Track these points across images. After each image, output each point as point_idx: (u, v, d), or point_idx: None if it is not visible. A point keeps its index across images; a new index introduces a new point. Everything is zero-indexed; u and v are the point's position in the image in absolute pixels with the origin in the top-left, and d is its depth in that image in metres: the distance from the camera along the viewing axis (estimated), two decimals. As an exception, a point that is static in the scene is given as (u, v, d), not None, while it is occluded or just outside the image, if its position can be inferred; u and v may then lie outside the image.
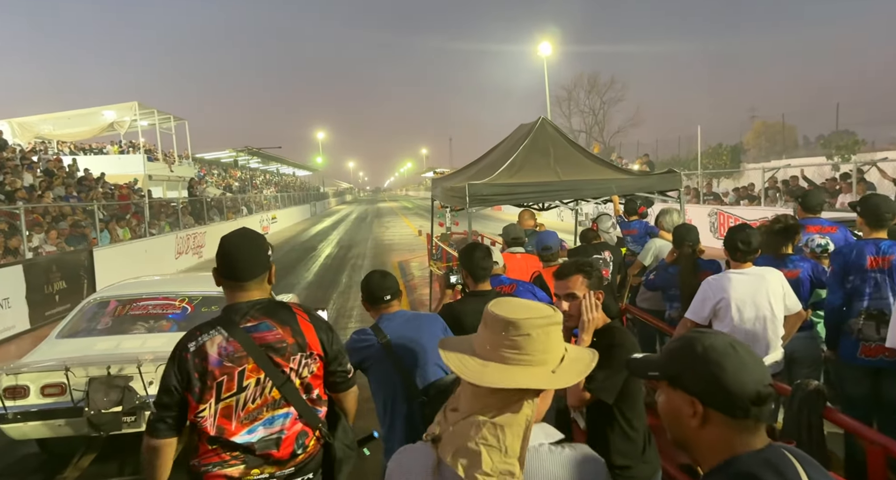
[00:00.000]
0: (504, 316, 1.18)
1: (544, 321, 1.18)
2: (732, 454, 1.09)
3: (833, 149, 16.96)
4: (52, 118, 23.22)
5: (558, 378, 1.18)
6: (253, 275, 2.00)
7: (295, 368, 1.96)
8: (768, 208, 13.16)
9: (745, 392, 1.07)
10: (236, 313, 1.96)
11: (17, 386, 3.75)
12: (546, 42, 26.80)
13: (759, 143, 25.68)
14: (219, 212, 22.10)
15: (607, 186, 5.75)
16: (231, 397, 1.91)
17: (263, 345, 1.93)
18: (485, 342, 1.20)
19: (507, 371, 1.15)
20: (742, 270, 3.18)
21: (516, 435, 1.11)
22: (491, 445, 1.10)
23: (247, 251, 2.00)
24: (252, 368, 1.92)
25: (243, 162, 40.78)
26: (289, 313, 2.02)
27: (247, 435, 1.92)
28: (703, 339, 1.14)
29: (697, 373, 1.10)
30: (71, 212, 12.75)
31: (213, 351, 1.91)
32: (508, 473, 1.09)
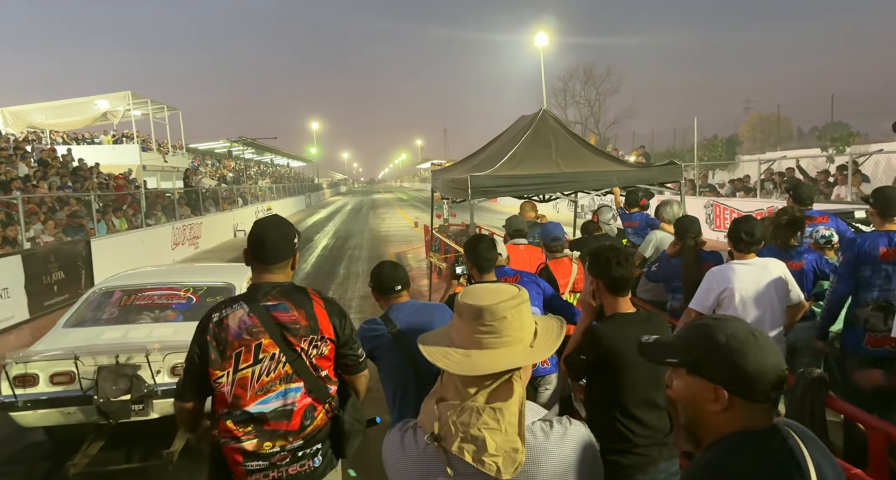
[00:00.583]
0: (477, 304, 1.23)
1: (515, 302, 1.24)
2: (738, 428, 1.13)
3: (828, 141, 17.05)
4: (45, 107, 22.96)
5: (537, 351, 1.26)
6: (278, 259, 2.15)
7: (305, 348, 2.11)
8: (764, 200, 13.27)
9: (767, 378, 1.11)
10: (259, 292, 2.12)
11: (27, 375, 3.79)
12: (542, 33, 26.69)
13: (755, 135, 25.77)
14: (214, 203, 22.02)
15: (608, 178, 5.78)
16: (248, 368, 2.06)
17: (279, 324, 2.08)
18: (462, 332, 1.25)
19: (490, 355, 1.22)
20: (746, 261, 3.24)
21: (513, 414, 1.18)
22: (492, 428, 1.16)
23: (275, 237, 2.15)
24: (268, 343, 2.07)
25: (237, 152, 40.56)
26: (305, 297, 2.16)
27: (261, 405, 2.06)
28: (725, 327, 1.16)
29: (722, 362, 1.12)
30: (67, 202, 12.68)
31: (234, 324, 2.07)
32: (513, 450, 1.16)
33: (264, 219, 2.24)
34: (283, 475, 2.08)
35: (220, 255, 16.95)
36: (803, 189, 4.62)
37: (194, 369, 2.11)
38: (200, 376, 2.09)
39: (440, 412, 1.21)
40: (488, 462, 1.14)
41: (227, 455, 2.08)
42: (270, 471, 2.06)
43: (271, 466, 2.07)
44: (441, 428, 1.19)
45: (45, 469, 4.20)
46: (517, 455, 1.15)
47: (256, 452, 2.05)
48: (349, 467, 2.49)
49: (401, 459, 1.27)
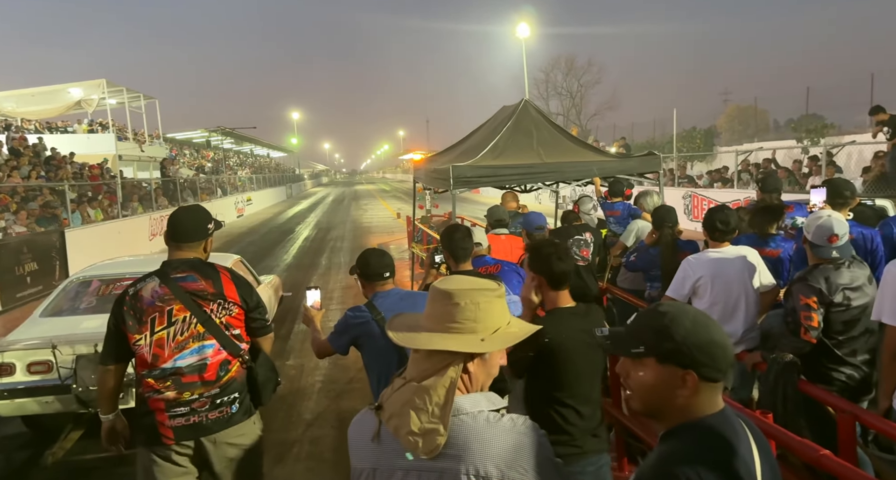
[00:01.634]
0: (440, 288, 1.28)
1: (477, 293, 1.26)
2: (701, 414, 1.17)
3: (803, 133, 17.39)
4: (15, 95, 22.36)
5: (484, 344, 1.25)
6: (188, 240, 2.48)
7: (215, 310, 2.44)
8: (741, 191, 13.50)
9: (728, 357, 1.17)
10: (169, 266, 2.46)
11: (3, 364, 3.74)
12: (524, 23, 26.69)
13: (733, 127, 26.13)
14: (192, 194, 21.71)
15: (589, 168, 5.85)
16: (162, 330, 2.38)
17: (189, 291, 2.41)
18: (427, 314, 1.30)
19: (435, 336, 1.25)
20: (720, 250, 3.31)
21: (440, 397, 1.20)
22: (418, 407, 1.19)
23: (187, 221, 2.50)
24: (179, 308, 2.39)
25: (216, 142, 39.96)
26: (213, 271, 2.50)
27: (178, 361, 2.37)
28: (685, 313, 1.19)
29: (692, 347, 1.14)
30: (40, 192, 12.41)
31: (147, 294, 2.40)
32: (434, 432, 1.18)
33: (185, 206, 2.64)
34: (203, 419, 2.37)
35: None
36: (770, 179, 4.70)
37: (111, 336, 2.43)
38: (118, 342, 2.41)
39: (392, 385, 1.28)
40: (410, 440, 1.19)
41: (151, 405, 2.37)
42: (191, 416, 2.36)
43: (192, 411, 2.36)
44: (384, 399, 1.26)
45: (23, 458, 4.15)
46: (438, 437, 1.18)
47: (177, 400, 2.35)
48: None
49: (356, 434, 1.33)
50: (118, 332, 2.39)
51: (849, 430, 2.40)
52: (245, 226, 22.53)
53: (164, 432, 2.34)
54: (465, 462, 1.17)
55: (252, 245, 16.51)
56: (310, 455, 4.15)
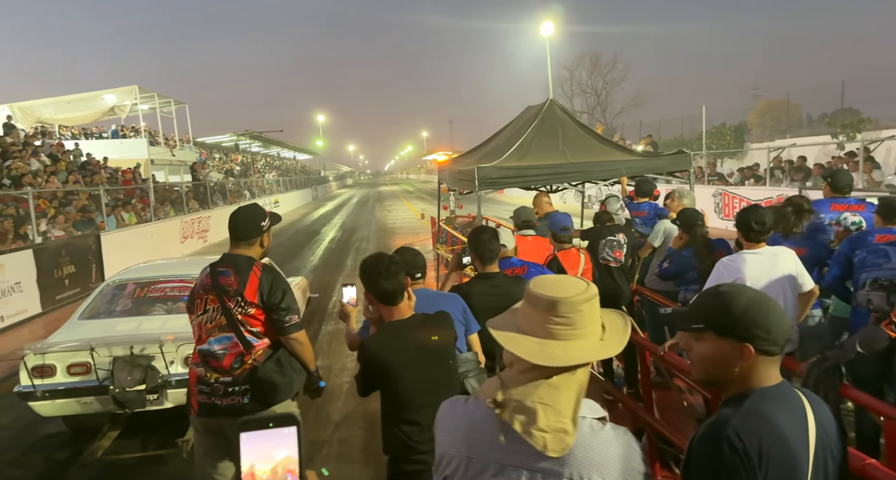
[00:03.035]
0: (554, 296, 1.22)
1: (587, 295, 1.24)
2: (752, 386, 1.32)
3: (838, 128, 16.87)
4: (53, 102, 23.09)
5: (607, 345, 1.25)
6: (242, 237, 2.76)
7: (233, 307, 2.65)
8: (773, 188, 13.18)
9: (783, 333, 1.31)
10: (221, 259, 2.76)
11: (45, 365, 3.85)
12: (548, 21, 26.48)
13: (763, 123, 25.52)
14: (222, 197, 22.12)
15: (616, 168, 5.78)
16: (202, 315, 2.71)
17: (219, 285, 2.67)
18: (534, 321, 1.24)
19: (563, 347, 1.21)
20: (756, 250, 3.23)
21: (570, 397, 1.18)
22: (546, 403, 1.16)
23: (243, 220, 2.77)
24: (212, 299, 2.68)
25: (244, 146, 40.63)
26: (247, 268, 2.70)
27: (208, 345, 2.68)
28: (744, 292, 1.34)
29: (749, 322, 1.30)
30: (77, 196, 12.78)
31: (199, 281, 2.76)
32: (562, 430, 1.15)
33: (242, 206, 2.88)
34: (218, 403, 2.64)
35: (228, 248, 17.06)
36: (841, 176, 4.40)
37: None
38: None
39: (504, 381, 1.22)
40: (537, 435, 1.14)
41: (190, 375, 2.76)
42: (211, 396, 2.65)
43: (212, 392, 2.65)
44: (503, 395, 1.20)
45: (63, 457, 4.28)
46: (566, 436, 1.15)
47: (204, 378, 2.67)
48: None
49: (449, 421, 1.29)
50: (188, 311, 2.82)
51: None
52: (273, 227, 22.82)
53: (192, 403, 2.69)
54: (568, 467, 1.16)
55: (279, 246, 16.74)
56: (339, 455, 4.18)
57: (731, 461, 1.21)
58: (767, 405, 1.28)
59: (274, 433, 0.85)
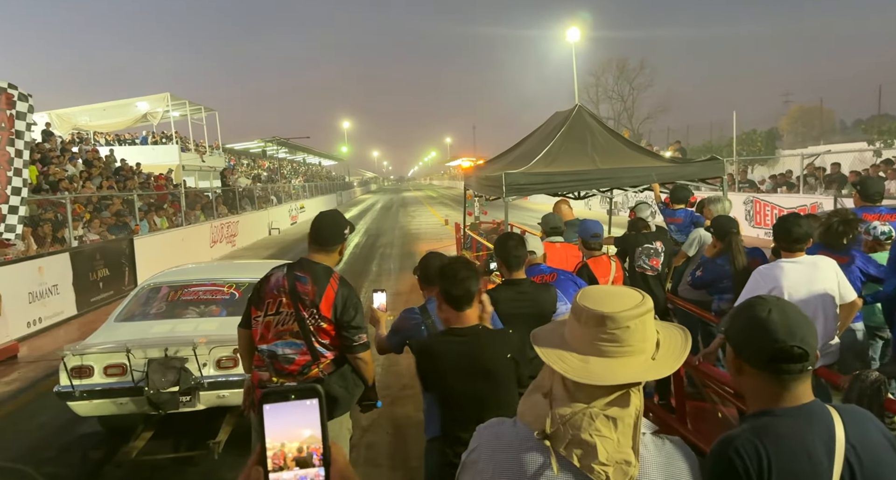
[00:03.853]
0: (599, 311, 1.16)
1: (640, 310, 1.17)
2: (768, 406, 1.32)
3: (875, 134, 16.41)
4: (89, 109, 23.81)
5: (659, 365, 1.18)
6: (324, 244, 2.74)
7: (307, 316, 2.63)
8: (807, 196, 12.87)
9: (766, 348, 1.30)
10: (299, 264, 2.73)
11: (83, 366, 3.95)
12: (574, 27, 26.36)
13: (795, 129, 24.99)
14: (250, 202, 22.48)
15: (647, 174, 5.71)
16: (272, 316, 2.68)
17: (296, 291, 2.63)
18: (580, 336, 1.18)
19: (608, 365, 1.15)
20: (794, 259, 3.15)
21: (628, 426, 1.12)
22: (605, 436, 1.10)
23: (328, 226, 2.75)
24: (287, 302, 2.65)
25: (272, 152, 41.27)
26: (326, 280, 2.67)
27: (274, 347, 2.67)
28: (753, 303, 1.37)
29: (736, 331, 1.37)
30: (111, 201, 13.12)
31: (273, 281, 2.71)
32: (625, 462, 1.10)
33: (324, 211, 2.85)
34: None
35: (256, 253, 17.30)
36: (871, 184, 4.31)
37: (247, 305, 2.80)
38: (248, 311, 2.77)
39: (553, 411, 1.15)
40: (598, 470, 1.09)
41: (253, 378, 2.74)
42: None
43: None
44: (552, 426, 1.13)
45: (99, 457, 4.37)
46: (629, 468, 1.10)
47: (269, 381, 2.66)
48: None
49: (496, 449, 1.21)
50: (249, 304, 2.77)
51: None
52: (299, 232, 23.12)
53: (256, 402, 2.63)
54: None
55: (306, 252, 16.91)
56: (367, 460, 4.19)
57: (727, 469, 1.26)
58: (779, 425, 1.28)
59: (296, 405, 0.84)
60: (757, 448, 1.24)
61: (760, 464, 1.23)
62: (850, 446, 1.26)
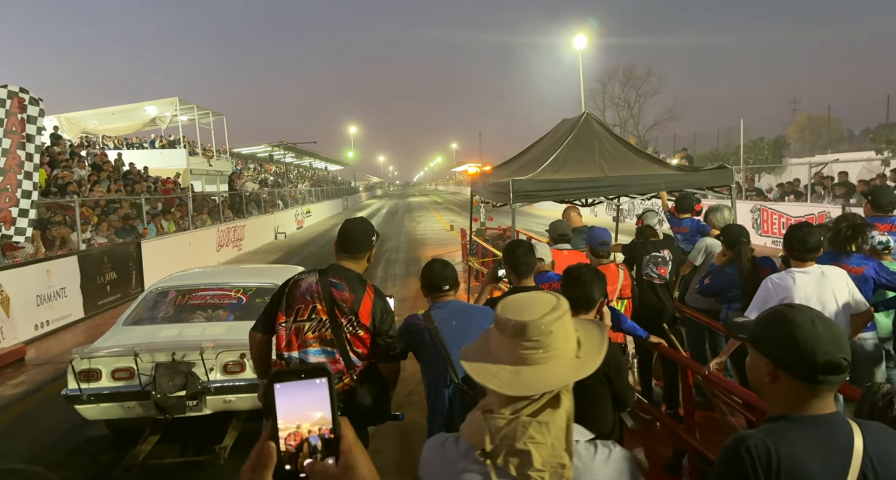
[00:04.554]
0: (520, 320, 1.18)
1: (557, 313, 1.19)
2: (790, 412, 1.33)
3: (883, 143, 16.34)
4: (98, 113, 23.97)
5: (584, 363, 1.21)
6: (353, 251, 2.72)
7: (344, 323, 2.59)
8: (815, 205, 12.81)
9: (813, 359, 1.28)
10: (332, 270, 2.69)
11: (91, 370, 3.96)
12: (581, 34, 26.44)
13: (803, 137, 24.89)
14: (257, 206, 22.56)
15: (655, 182, 5.70)
16: (302, 322, 2.62)
17: (332, 298, 2.59)
18: (505, 347, 1.20)
19: (538, 372, 1.17)
20: (805, 269, 3.14)
21: (560, 429, 1.15)
22: (539, 442, 1.13)
23: (356, 233, 2.73)
24: (321, 309, 2.60)
25: (278, 156, 41.44)
26: (362, 287, 2.65)
27: (302, 354, 2.61)
28: (789, 312, 1.35)
29: (774, 339, 1.34)
30: (120, 205, 13.19)
31: (304, 285, 2.66)
32: (560, 465, 1.13)
33: (352, 219, 2.84)
34: None
35: (263, 257, 17.35)
36: (882, 194, 4.29)
37: (267, 310, 2.73)
38: (270, 316, 2.69)
39: (489, 425, 1.18)
40: (535, 477, 1.13)
41: None
42: None
43: None
44: (491, 442, 1.17)
45: (106, 460, 4.37)
46: (564, 470, 1.13)
47: None
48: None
49: (440, 463, 1.26)
50: (273, 308, 2.69)
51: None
52: (305, 237, 23.19)
53: None
54: None
55: (311, 256, 16.96)
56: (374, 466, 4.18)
57: (740, 470, 1.27)
58: (796, 430, 1.29)
59: (306, 384, 0.86)
60: (769, 448, 1.25)
61: (769, 464, 1.24)
62: (867, 458, 1.26)
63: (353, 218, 2.88)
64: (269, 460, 0.83)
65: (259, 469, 0.84)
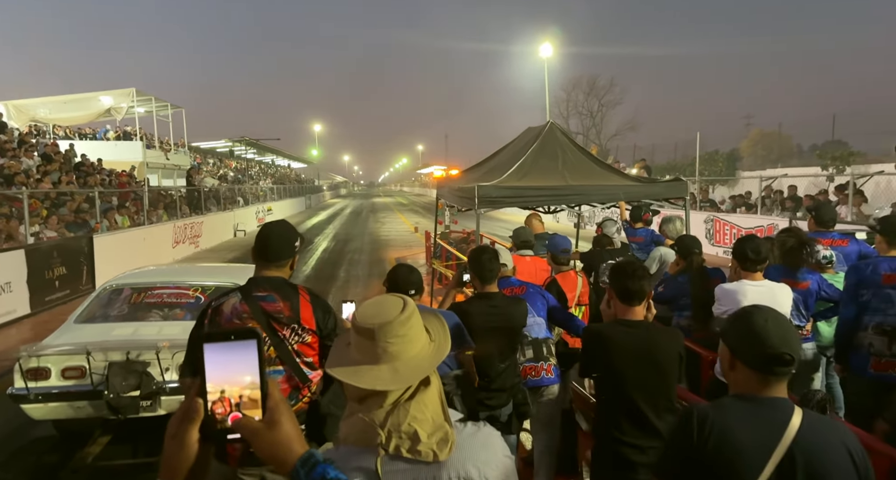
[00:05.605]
0: (381, 321, 1.28)
1: (408, 313, 1.30)
2: (743, 391, 1.58)
3: (828, 160, 17.19)
4: (49, 102, 22.99)
5: (438, 345, 1.35)
6: (273, 259, 2.47)
7: (287, 335, 2.38)
8: (765, 217, 13.38)
9: (762, 352, 1.53)
10: (254, 284, 2.44)
11: (39, 368, 3.84)
12: (547, 43, 26.88)
13: (756, 151, 25.95)
14: (216, 203, 22.05)
15: (615, 192, 5.87)
16: None
17: (265, 313, 2.36)
18: (367, 349, 1.29)
19: (411, 363, 1.29)
20: (757, 282, 3.28)
21: (436, 403, 1.29)
22: (421, 419, 1.25)
23: (277, 239, 2.48)
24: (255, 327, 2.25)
25: (239, 152, 40.60)
26: (293, 292, 2.44)
27: None
28: (750, 312, 1.61)
29: (734, 333, 1.62)
30: (71, 198, 12.71)
31: (227, 310, 2.38)
32: (443, 436, 1.26)
33: (271, 222, 2.58)
34: None
35: (221, 255, 16.98)
36: (825, 210, 4.50)
37: (191, 348, 2.29)
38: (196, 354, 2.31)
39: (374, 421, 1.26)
40: (424, 451, 1.24)
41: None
42: None
43: None
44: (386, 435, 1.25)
45: (53, 462, 4.24)
46: (448, 435, 1.26)
47: None
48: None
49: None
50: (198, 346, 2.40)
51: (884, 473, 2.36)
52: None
53: (231, 451, 2.25)
54: (446, 469, 1.26)
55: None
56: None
57: (684, 431, 1.55)
58: (738, 406, 1.55)
59: (235, 345, 0.89)
60: (709, 416, 1.53)
61: (703, 428, 1.50)
62: (800, 437, 1.46)
63: (272, 221, 2.62)
64: (195, 415, 0.88)
65: (185, 424, 0.88)
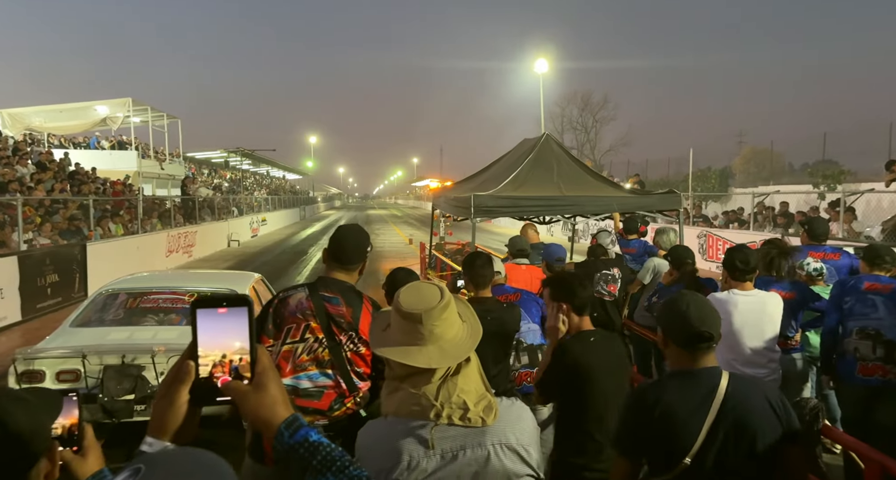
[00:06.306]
0: (427, 306, 1.41)
1: (447, 299, 1.44)
2: (676, 368, 1.92)
3: (819, 178, 17.41)
4: (44, 111, 22.96)
5: (472, 327, 1.50)
6: (346, 262, 2.45)
7: (344, 341, 2.32)
8: (757, 233, 13.51)
9: (684, 330, 1.85)
10: (323, 283, 2.41)
11: (34, 371, 3.82)
12: (542, 59, 27.20)
13: (748, 169, 26.24)
14: (210, 212, 22.01)
15: (609, 203, 5.95)
16: (293, 343, 2.31)
17: (328, 314, 2.32)
18: (411, 331, 1.42)
19: (454, 342, 1.43)
20: (747, 292, 3.32)
21: (476, 378, 1.44)
22: (468, 391, 1.40)
23: (351, 242, 2.47)
24: (316, 327, 2.31)
25: (234, 163, 40.61)
26: (358, 300, 2.40)
27: (295, 380, 2.28)
28: (675, 299, 1.94)
29: (664, 316, 1.96)
30: (64, 205, 12.67)
31: (293, 303, 2.35)
32: (488, 404, 1.41)
33: (346, 225, 2.61)
34: None
35: (214, 264, 16.91)
36: (818, 225, 4.59)
37: None
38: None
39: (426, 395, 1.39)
40: (474, 418, 1.38)
41: None
42: None
43: None
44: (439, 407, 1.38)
45: (42, 468, 4.19)
46: (492, 404, 1.41)
47: None
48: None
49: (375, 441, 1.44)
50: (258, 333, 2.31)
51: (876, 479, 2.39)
52: (259, 245, 22.74)
53: (266, 448, 2.19)
54: (489, 435, 1.40)
55: (266, 264, 16.65)
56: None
57: (635, 406, 1.88)
58: (676, 381, 1.87)
59: (227, 312, 0.93)
60: (654, 394, 1.84)
61: (653, 406, 1.80)
62: (728, 397, 1.77)
63: (347, 224, 2.63)
64: (186, 376, 0.91)
65: (176, 384, 0.91)
